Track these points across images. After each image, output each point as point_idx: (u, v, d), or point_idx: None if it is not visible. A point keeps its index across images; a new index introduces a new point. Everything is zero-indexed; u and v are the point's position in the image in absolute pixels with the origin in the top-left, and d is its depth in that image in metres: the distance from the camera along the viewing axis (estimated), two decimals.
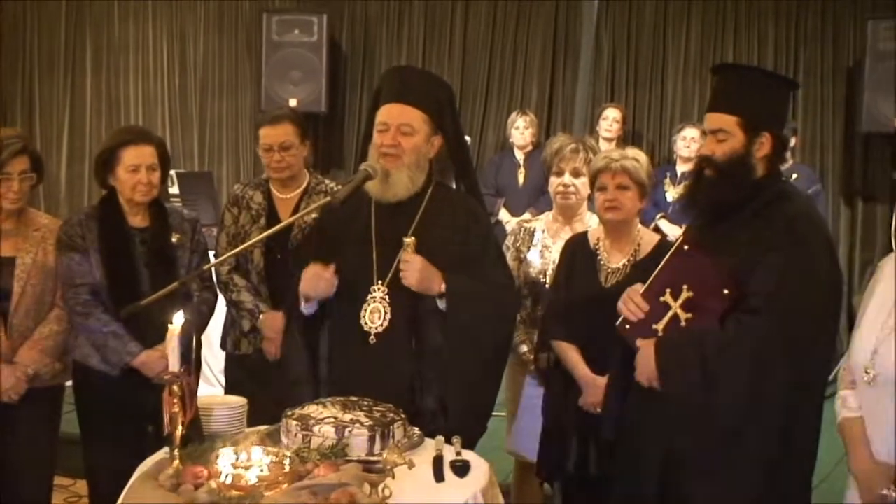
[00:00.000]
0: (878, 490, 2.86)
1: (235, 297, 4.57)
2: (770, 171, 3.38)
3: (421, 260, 3.61)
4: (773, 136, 3.35)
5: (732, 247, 3.28)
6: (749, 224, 3.30)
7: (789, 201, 3.35)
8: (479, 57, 9.60)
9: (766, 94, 3.40)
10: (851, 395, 3.07)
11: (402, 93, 3.75)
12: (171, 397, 2.99)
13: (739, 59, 8.97)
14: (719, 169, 3.35)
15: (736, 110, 3.34)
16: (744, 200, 3.33)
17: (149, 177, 4.19)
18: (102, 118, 10.26)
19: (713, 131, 3.39)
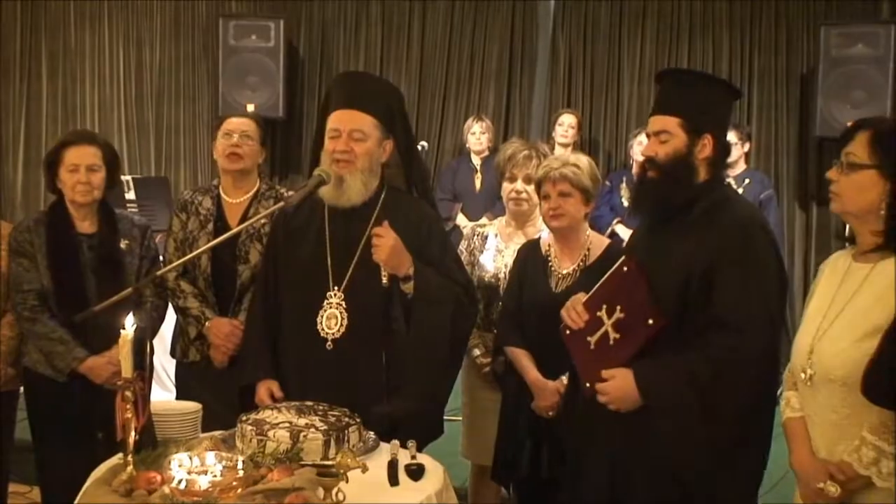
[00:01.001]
0: (815, 484, 2.91)
1: (182, 304, 4.52)
2: (713, 175, 3.39)
3: (394, 237, 3.61)
4: (715, 139, 3.36)
5: (679, 251, 3.30)
6: (695, 227, 3.31)
7: (734, 206, 3.36)
8: (436, 61, 9.61)
9: (708, 98, 3.41)
10: (794, 395, 3.12)
11: (353, 98, 3.76)
12: (123, 403, 2.98)
13: (694, 65, 9.02)
14: (662, 169, 3.36)
15: (678, 112, 3.36)
16: (688, 202, 3.34)
17: (88, 177, 4.18)
18: (59, 124, 10.19)
19: (656, 133, 3.40)
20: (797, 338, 3.10)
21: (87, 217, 4.28)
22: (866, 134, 2.90)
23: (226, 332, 4.36)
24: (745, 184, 7.88)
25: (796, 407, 3.09)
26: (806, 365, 2.99)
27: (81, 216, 4.27)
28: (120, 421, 2.98)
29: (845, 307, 2.94)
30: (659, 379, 3.25)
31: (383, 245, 3.61)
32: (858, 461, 2.83)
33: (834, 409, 2.91)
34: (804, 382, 3.00)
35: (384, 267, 3.64)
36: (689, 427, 3.21)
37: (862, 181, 2.89)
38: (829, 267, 3.13)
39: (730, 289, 3.19)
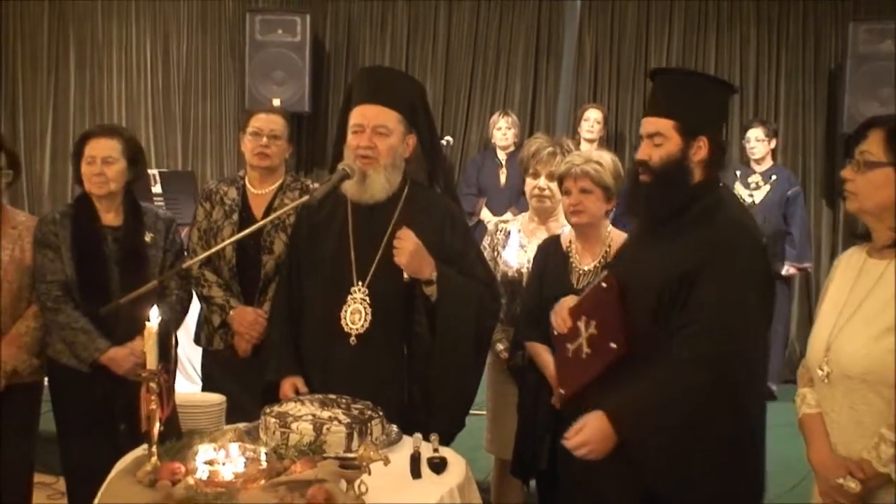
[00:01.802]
0: (835, 480, 2.89)
1: (206, 293, 4.56)
2: (708, 177, 3.31)
3: (416, 241, 3.62)
4: (711, 140, 3.28)
5: (665, 255, 3.24)
6: (684, 231, 3.24)
7: (724, 211, 3.27)
8: (462, 57, 9.60)
9: (703, 99, 3.34)
10: (810, 392, 3.10)
11: (376, 93, 3.76)
12: (148, 394, 3.00)
13: (721, 62, 9.02)
14: (655, 174, 3.28)
15: (672, 114, 3.27)
16: (681, 206, 3.27)
17: (102, 169, 4.21)
18: (86, 117, 10.22)
19: (649, 135, 3.31)
20: (812, 335, 3.07)
21: (111, 210, 4.30)
22: (881, 132, 2.88)
23: (249, 321, 4.39)
24: (771, 180, 7.86)
25: (812, 403, 3.07)
26: (822, 362, 2.97)
27: (106, 209, 4.29)
28: (144, 412, 2.99)
29: (862, 304, 2.92)
30: (632, 413, 3.16)
31: (404, 249, 3.62)
32: (877, 458, 2.81)
33: (852, 406, 2.90)
34: (821, 380, 2.98)
35: (406, 270, 3.65)
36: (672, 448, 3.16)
37: (878, 179, 2.87)
38: (843, 263, 3.11)
39: (706, 294, 3.12)
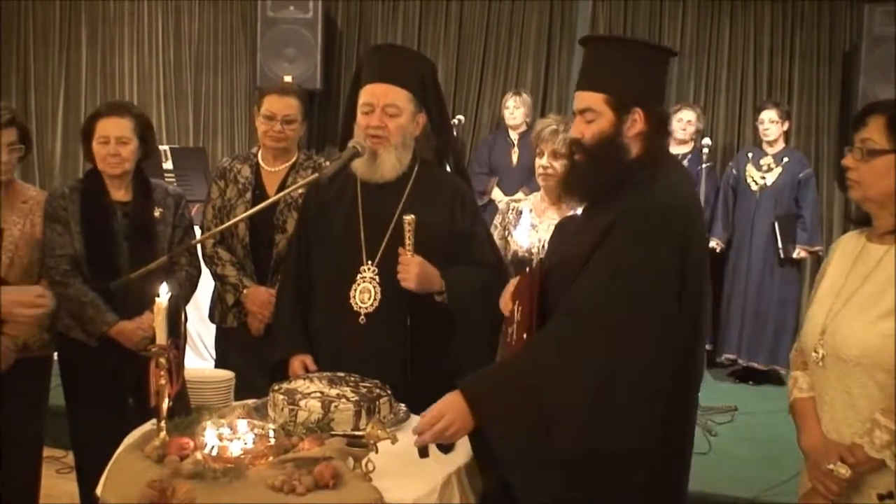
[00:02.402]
0: (825, 465, 2.87)
1: (220, 271, 4.58)
2: (647, 151, 3.08)
3: (418, 261, 3.61)
4: (647, 111, 3.05)
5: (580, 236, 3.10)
6: (608, 211, 3.01)
7: (653, 189, 2.99)
8: (474, 35, 9.56)
9: (634, 67, 3.09)
10: (802, 375, 3.08)
11: (385, 72, 3.73)
12: (157, 370, 3.00)
13: (735, 43, 8.97)
14: (588, 152, 3.09)
15: (602, 87, 3.06)
16: (616, 183, 3.05)
17: (117, 149, 4.21)
18: (98, 93, 10.25)
19: (581, 111, 3.11)
20: (808, 317, 3.03)
21: (121, 185, 4.31)
22: (882, 118, 2.84)
23: (262, 301, 4.40)
24: (783, 162, 7.84)
25: (804, 387, 3.06)
26: (817, 344, 2.95)
27: (116, 185, 4.30)
28: (154, 387, 3.00)
29: (859, 287, 2.90)
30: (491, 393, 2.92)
31: (409, 273, 3.60)
32: (871, 444, 2.80)
33: (846, 390, 2.88)
34: (815, 362, 2.96)
35: (416, 291, 3.62)
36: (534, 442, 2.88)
37: (882, 167, 2.84)
38: (841, 247, 3.08)
39: (590, 278, 2.94)
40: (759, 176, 7.90)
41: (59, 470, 5.62)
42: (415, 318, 3.71)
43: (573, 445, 2.85)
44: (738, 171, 8.06)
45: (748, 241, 7.94)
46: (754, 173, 7.93)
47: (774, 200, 7.83)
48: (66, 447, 5.28)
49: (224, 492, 2.64)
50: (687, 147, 8.14)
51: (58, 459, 5.65)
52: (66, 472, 5.54)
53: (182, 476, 2.72)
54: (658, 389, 2.90)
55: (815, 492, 2.95)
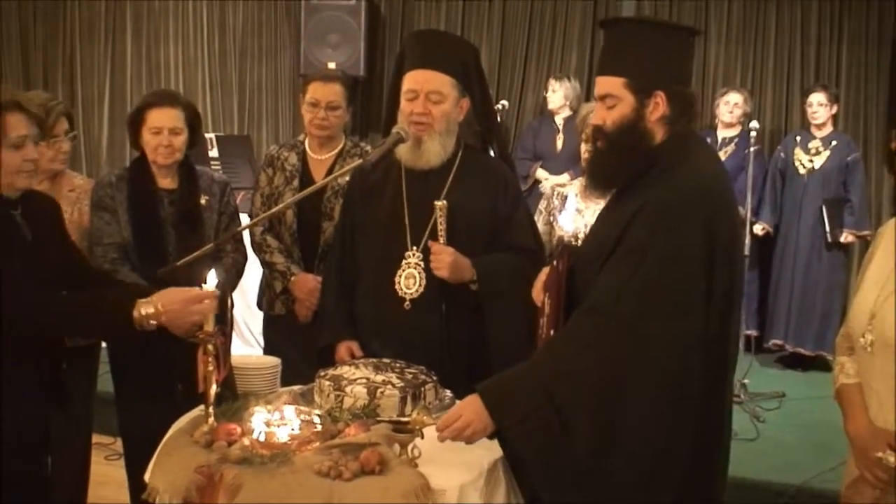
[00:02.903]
0: (874, 453, 2.82)
1: (268, 259, 4.60)
2: (672, 135, 2.99)
3: (450, 251, 3.62)
4: (669, 94, 2.96)
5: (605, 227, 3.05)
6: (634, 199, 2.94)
7: (671, 174, 2.92)
8: (518, 20, 9.50)
9: (654, 49, 2.98)
10: (849, 361, 3.02)
11: (428, 58, 3.73)
12: (205, 356, 3.02)
13: (782, 27, 8.85)
14: (610, 140, 3.01)
15: (621, 71, 2.97)
16: (640, 170, 2.98)
17: (170, 139, 4.22)
18: (143, 82, 10.31)
19: (601, 97, 3.03)
20: (855, 303, 2.96)
21: (168, 174, 4.33)
22: None
23: (310, 288, 4.42)
24: (831, 146, 7.76)
25: (851, 373, 3.00)
26: (866, 330, 2.90)
27: (163, 173, 4.31)
28: (201, 374, 3.02)
29: None
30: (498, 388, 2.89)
31: (442, 262, 3.62)
32: None
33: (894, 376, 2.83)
34: (864, 348, 2.90)
35: (449, 280, 3.64)
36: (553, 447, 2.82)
37: None
38: (888, 232, 3.00)
39: (613, 269, 2.88)
40: (806, 159, 7.83)
41: (107, 456, 5.68)
42: (449, 305, 3.72)
43: (591, 449, 2.78)
44: (786, 155, 7.98)
45: (796, 226, 7.86)
46: (802, 157, 7.86)
47: (822, 184, 7.75)
48: (115, 434, 5.34)
49: (271, 477, 2.66)
50: (734, 130, 8.08)
51: (106, 446, 5.71)
52: (114, 459, 5.60)
53: (229, 461, 2.74)
54: (684, 385, 2.80)
55: (863, 480, 2.90)
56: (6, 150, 3.03)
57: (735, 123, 8.09)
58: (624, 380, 2.78)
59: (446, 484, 2.72)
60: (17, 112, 3.06)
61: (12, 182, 3.09)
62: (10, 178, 3.08)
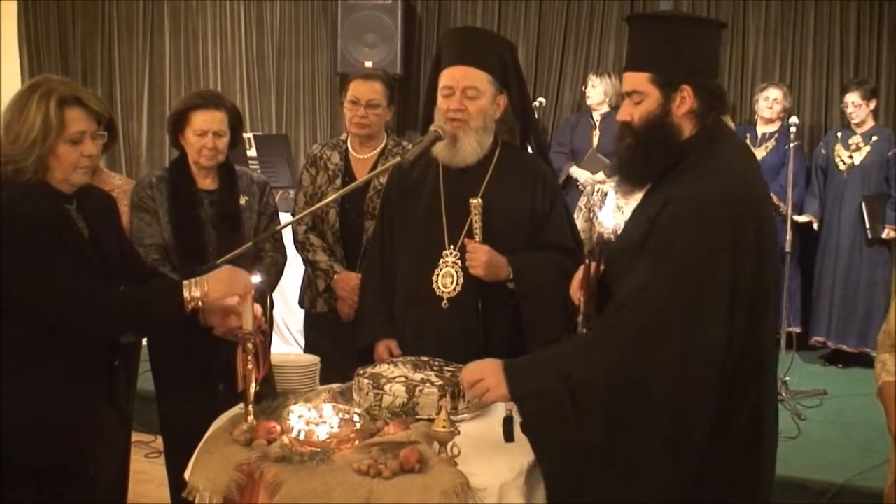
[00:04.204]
0: None
1: (311, 257, 4.62)
2: (700, 130, 2.98)
3: (486, 250, 3.62)
4: (696, 88, 2.94)
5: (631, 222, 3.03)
6: (653, 196, 2.98)
7: (708, 173, 2.89)
8: (555, 17, 9.48)
9: (679, 43, 2.97)
10: (891, 358, 2.99)
11: (465, 54, 3.72)
12: (244, 355, 3.04)
13: (821, 19, 8.77)
14: (637, 136, 2.99)
15: (646, 66, 2.96)
16: (670, 165, 2.97)
17: (215, 142, 4.23)
18: (182, 82, 10.38)
19: (628, 94, 3.02)
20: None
21: (208, 174, 4.34)
22: None
23: (353, 286, 4.42)
24: (872, 141, 7.69)
25: (893, 370, 2.97)
26: None
27: (203, 174, 4.33)
28: (241, 372, 3.03)
29: None
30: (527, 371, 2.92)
31: (478, 261, 3.61)
32: None
33: None
34: None
35: (484, 279, 3.64)
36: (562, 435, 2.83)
37: None
38: None
39: (640, 266, 2.87)
40: (846, 155, 7.76)
41: (147, 454, 5.71)
42: (486, 304, 3.71)
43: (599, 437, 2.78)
44: (826, 151, 7.92)
45: (837, 222, 7.80)
46: (842, 153, 7.79)
47: (863, 180, 7.68)
48: (155, 431, 5.36)
49: (311, 475, 2.66)
50: (774, 126, 8.03)
51: (146, 444, 5.74)
52: (154, 457, 5.62)
53: (269, 460, 2.75)
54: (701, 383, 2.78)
55: None
56: (64, 144, 3.05)
57: (775, 119, 8.04)
58: (639, 373, 2.77)
59: (486, 482, 2.71)
60: (77, 107, 3.08)
61: (69, 177, 3.10)
62: (67, 174, 3.09)
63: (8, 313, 2.98)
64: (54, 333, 3.01)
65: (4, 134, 3.04)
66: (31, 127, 3.00)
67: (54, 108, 3.01)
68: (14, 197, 3.00)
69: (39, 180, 3.06)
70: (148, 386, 4.46)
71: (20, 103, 3.04)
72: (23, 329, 3.00)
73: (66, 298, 2.99)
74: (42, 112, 3.00)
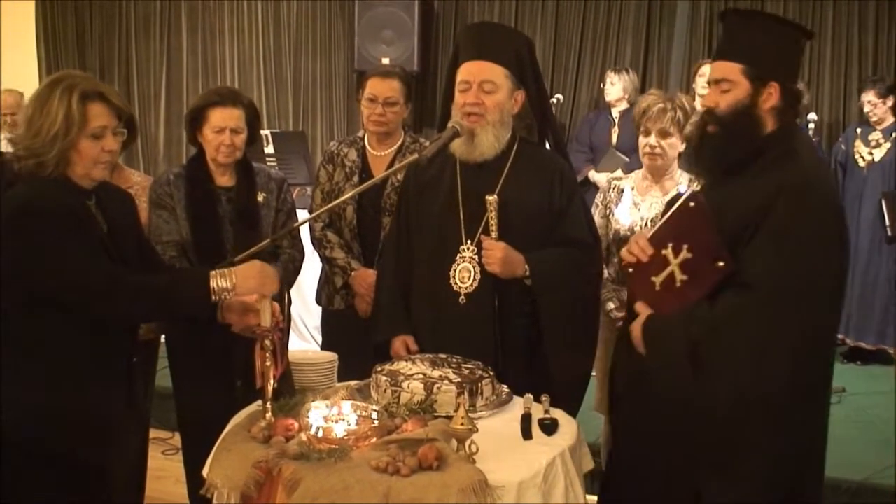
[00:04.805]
0: None
1: (328, 254, 4.61)
2: (780, 126, 3.13)
3: (502, 247, 3.61)
4: (782, 86, 3.09)
5: (733, 209, 3.06)
6: (751, 184, 3.06)
7: (796, 164, 3.06)
8: (572, 14, 9.47)
9: (774, 42, 3.12)
10: None
11: (482, 49, 3.71)
12: (262, 352, 3.04)
13: (839, 15, 8.74)
14: (723, 123, 3.12)
15: (741, 58, 3.09)
16: (750, 157, 3.10)
17: (232, 139, 4.22)
18: (199, 79, 10.41)
19: (717, 81, 3.15)
20: None
21: (226, 171, 4.33)
22: None
23: (370, 283, 4.40)
24: (892, 137, 7.66)
25: None
26: None
27: (221, 171, 4.32)
28: (259, 369, 3.04)
29: None
30: (658, 326, 3.10)
31: (494, 258, 3.61)
32: None
33: None
34: None
35: (500, 276, 3.64)
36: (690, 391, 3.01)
37: None
38: None
39: (758, 253, 2.96)
40: (866, 152, 7.73)
41: (165, 451, 5.72)
42: (503, 300, 3.70)
43: None
44: (846, 147, 7.89)
45: (856, 219, 7.75)
46: (862, 149, 7.76)
47: (882, 177, 7.64)
48: (173, 428, 5.39)
49: (329, 473, 2.66)
50: None
51: (164, 440, 5.76)
52: (172, 453, 5.64)
53: (287, 457, 2.75)
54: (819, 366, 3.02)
55: None
56: (85, 139, 3.06)
57: None
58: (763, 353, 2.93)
59: (504, 480, 2.70)
60: (99, 102, 3.09)
61: (89, 172, 3.12)
62: (88, 169, 3.11)
63: (30, 307, 3.01)
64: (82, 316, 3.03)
65: (26, 128, 3.06)
66: (54, 121, 3.01)
67: (77, 102, 3.03)
68: (36, 190, 3.03)
69: (60, 174, 3.08)
70: (166, 382, 4.46)
71: (42, 97, 3.05)
72: (44, 325, 3.02)
73: (92, 281, 3.02)
74: (64, 106, 3.02)
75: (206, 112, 4.23)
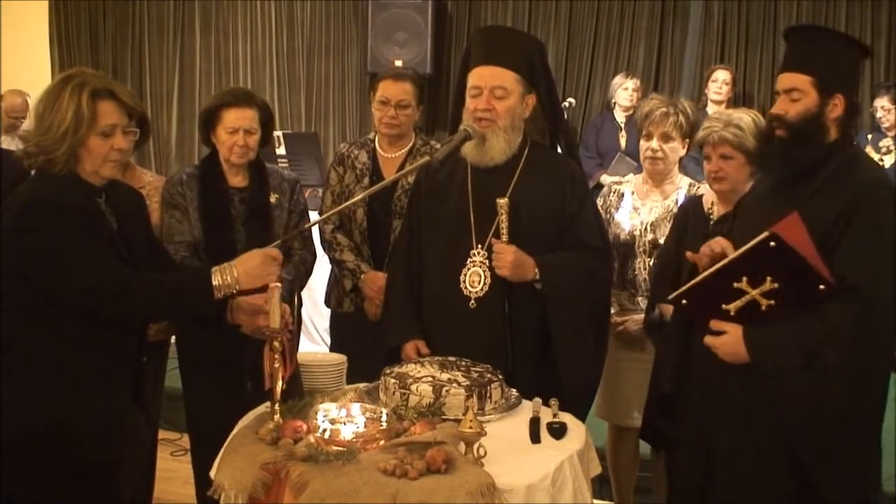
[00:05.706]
0: None
1: (338, 256, 4.61)
2: (843, 135, 3.29)
3: (512, 250, 3.61)
4: (846, 99, 3.26)
5: (816, 212, 3.14)
6: (822, 188, 3.19)
7: (862, 168, 3.25)
8: (585, 18, 9.48)
9: (839, 57, 3.32)
10: None
11: (493, 54, 3.71)
12: (271, 353, 3.03)
13: (852, 20, 8.72)
14: (792, 129, 3.25)
15: (810, 70, 3.25)
16: (817, 163, 3.24)
17: (245, 140, 4.22)
18: (212, 79, 10.43)
19: (786, 90, 3.28)
20: None
21: (238, 172, 4.33)
22: None
23: (379, 286, 4.40)
24: None
25: None
26: None
27: (234, 171, 4.32)
28: (268, 371, 3.03)
29: None
30: (768, 339, 3.14)
31: (504, 261, 3.61)
32: None
33: None
34: None
35: (511, 280, 3.63)
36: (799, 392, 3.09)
37: None
38: None
39: (855, 253, 3.08)
40: (877, 158, 7.71)
41: (173, 452, 5.71)
42: (513, 304, 3.69)
43: None
44: None
45: None
46: (873, 155, 7.74)
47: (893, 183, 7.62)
48: (182, 429, 5.39)
49: (336, 475, 2.66)
50: None
51: (173, 441, 5.75)
52: (180, 454, 5.63)
53: (295, 459, 2.74)
54: None
55: None
56: (95, 137, 3.07)
57: None
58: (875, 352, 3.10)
59: (513, 484, 2.70)
60: (109, 100, 3.10)
61: (98, 170, 3.12)
62: (97, 166, 3.11)
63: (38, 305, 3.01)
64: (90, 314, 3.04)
65: (37, 124, 3.07)
66: (63, 118, 3.02)
67: (87, 100, 3.03)
68: (45, 186, 3.04)
69: (70, 171, 3.08)
70: (175, 383, 4.47)
71: (53, 94, 3.06)
72: (50, 324, 3.02)
73: (101, 278, 3.02)
74: (74, 103, 3.02)
75: (220, 112, 4.23)
